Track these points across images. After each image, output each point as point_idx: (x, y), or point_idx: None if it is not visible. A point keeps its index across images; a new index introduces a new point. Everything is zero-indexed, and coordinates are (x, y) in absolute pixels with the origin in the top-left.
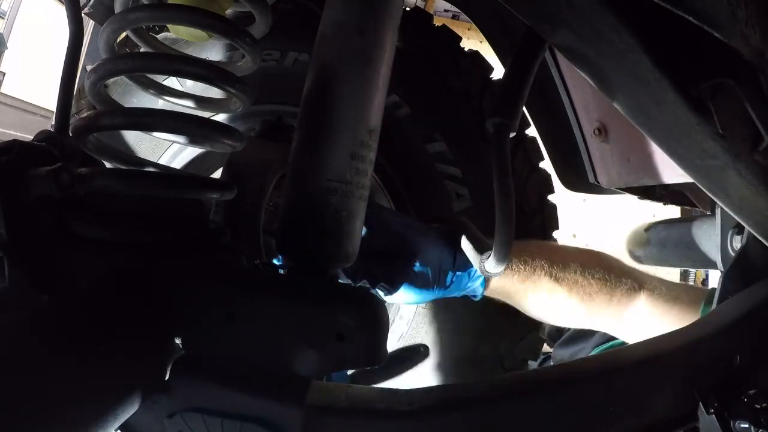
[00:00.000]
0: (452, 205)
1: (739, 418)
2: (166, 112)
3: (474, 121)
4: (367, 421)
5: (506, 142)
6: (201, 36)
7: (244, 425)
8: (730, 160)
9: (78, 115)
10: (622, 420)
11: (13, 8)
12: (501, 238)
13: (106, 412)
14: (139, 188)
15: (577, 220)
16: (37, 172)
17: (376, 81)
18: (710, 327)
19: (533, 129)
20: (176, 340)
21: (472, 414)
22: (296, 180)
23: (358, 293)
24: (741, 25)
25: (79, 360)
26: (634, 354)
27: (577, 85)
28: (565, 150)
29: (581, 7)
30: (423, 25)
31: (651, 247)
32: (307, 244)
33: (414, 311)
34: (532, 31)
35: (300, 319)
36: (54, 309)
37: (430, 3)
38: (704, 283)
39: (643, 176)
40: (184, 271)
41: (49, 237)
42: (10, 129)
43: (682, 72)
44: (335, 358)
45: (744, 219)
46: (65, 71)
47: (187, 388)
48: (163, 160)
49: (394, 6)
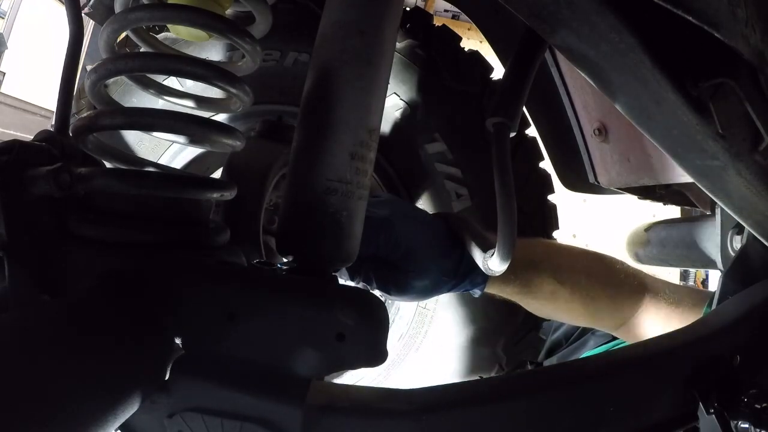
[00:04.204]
0: (452, 205)
1: (739, 418)
2: (166, 112)
3: (474, 121)
4: (367, 421)
5: (506, 142)
6: (201, 36)
7: (244, 425)
8: (730, 160)
9: (78, 115)
10: (622, 420)
11: (13, 8)
12: (504, 237)
13: (105, 411)
14: (139, 188)
15: (577, 220)
16: (37, 172)
17: (376, 81)
18: (710, 327)
19: (533, 129)
20: (176, 340)
21: (472, 414)
22: (296, 180)
23: (358, 293)
24: (741, 25)
25: (79, 360)
26: (634, 354)
27: (577, 85)
28: (565, 150)
29: (581, 7)
30: (423, 25)
31: (651, 247)
32: (307, 244)
33: (414, 311)
34: (532, 31)
35: (300, 319)
36: (54, 309)
37: (430, 3)
38: (704, 283)
39: (643, 176)
40: (184, 271)
41: (49, 237)
42: (10, 129)
43: (682, 72)
44: (335, 358)
45: (744, 219)
46: (65, 71)
47: (187, 388)
48: (163, 160)
49: (394, 6)
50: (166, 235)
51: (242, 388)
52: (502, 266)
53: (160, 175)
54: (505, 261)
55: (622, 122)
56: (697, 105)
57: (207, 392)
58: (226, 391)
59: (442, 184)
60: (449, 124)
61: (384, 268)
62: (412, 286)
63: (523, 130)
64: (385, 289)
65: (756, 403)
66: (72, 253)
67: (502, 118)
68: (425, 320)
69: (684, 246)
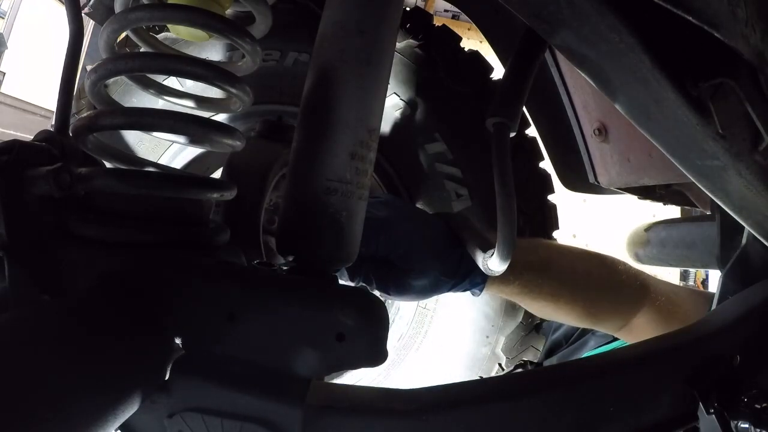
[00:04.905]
0: (452, 205)
1: (739, 418)
2: (166, 112)
3: (474, 121)
4: (367, 421)
5: (506, 142)
6: (201, 36)
7: (244, 425)
8: (730, 160)
9: (78, 115)
10: (622, 420)
11: (13, 8)
12: (504, 237)
13: (105, 411)
14: (139, 188)
15: (577, 220)
16: (37, 172)
17: (376, 81)
18: (710, 327)
19: (533, 129)
20: (176, 340)
21: (472, 414)
22: (296, 180)
23: (358, 293)
24: (741, 25)
25: (79, 360)
26: (634, 353)
27: (577, 85)
28: (565, 150)
29: (581, 7)
30: (423, 25)
31: (651, 247)
32: (306, 244)
33: (414, 311)
34: (532, 31)
35: (300, 318)
36: (54, 309)
37: (430, 3)
38: (704, 283)
39: (643, 176)
40: (184, 271)
41: (49, 237)
42: (10, 129)
43: (682, 72)
44: (335, 357)
45: (744, 219)
46: (65, 71)
47: (187, 388)
48: (163, 160)
49: (394, 6)
50: (166, 235)
51: (242, 388)
52: (502, 266)
53: (160, 175)
54: (504, 261)
55: (622, 122)
56: (697, 105)
57: (207, 392)
58: (226, 391)
59: (442, 184)
60: (449, 124)
61: (384, 268)
62: (411, 286)
63: (523, 130)
64: (384, 289)
65: (756, 403)
66: (72, 253)
67: (502, 118)
68: (425, 320)
69: (684, 246)
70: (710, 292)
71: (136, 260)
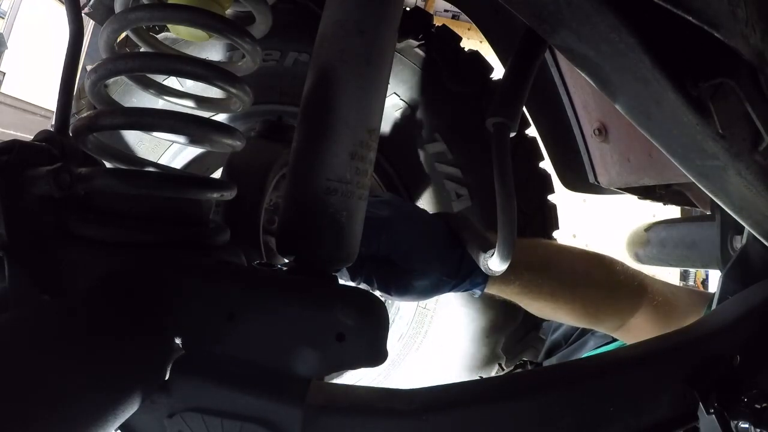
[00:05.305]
0: (452, 205)
1: (739, 418)
2: (166, 112)
3: (474, 121)
4: (368, 421)
5: (506, 142)
6: (201, 36)
7: (244, 425)
8: (730, 160)
9: (78, 115)
10: (622, 420)
11: (13, 8)
12: (503, 237)
13: (106, 411)
14: (139, 188)
15: (577, 220)
16: (37, 172)
17: (376, 81)
18: (710, 327)
19: (533, 129)
20: (176, 340)
21: (471, 414)
22: (296, 180)
23: (358, 293)
24: (741, 25)
25: (79, 360)
26: (634, 353)
27: (577, 85)
28: (565, 150)
29: (581, 7)
30: (423, 25)
31: (651, 247)
32: (306, 244)
33: (414, 311)
34: (532, 31)
35: (300, 318)
36: (54, 309)
37: (430, 3)
38: (704, 283)
39: (643, 176)
40: (184, 271)
41: (49, 237)
42: (10, 129)
43: (682, 72)
44: (335, 358)
45: (744, 219)
46: (65, 71)
47: (187, 388)
48: (163, 160)
49: (394, 6)
50: (167, 235)
51: (242, 388)
52: (502, 266)
53: (160, 175)
54: (504, 261)
55: (622, 122)
56: (697, 105)
57: (207, 392)
58: (226, 391)
59: (442, 184)
60: (449, 124)
61: (384, 268)
62: (412, 286)
63: (523, 130)
64: (385, 289)
65: (756, 403)
66: (72, 253)
67: (502, 118)
68: (425, 320)
69: (684, 246)
70: (708, 292)
71: (136, 260)
